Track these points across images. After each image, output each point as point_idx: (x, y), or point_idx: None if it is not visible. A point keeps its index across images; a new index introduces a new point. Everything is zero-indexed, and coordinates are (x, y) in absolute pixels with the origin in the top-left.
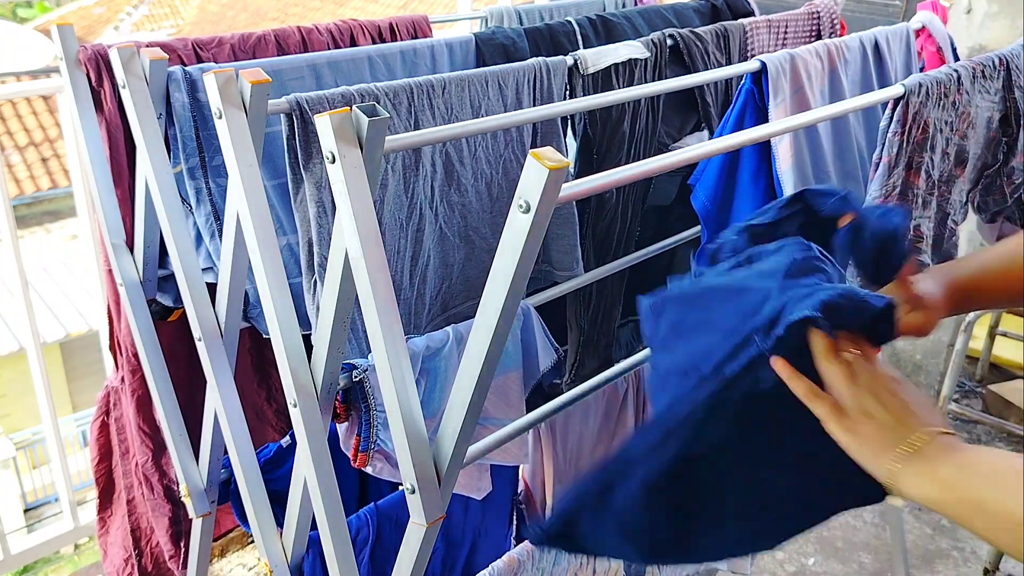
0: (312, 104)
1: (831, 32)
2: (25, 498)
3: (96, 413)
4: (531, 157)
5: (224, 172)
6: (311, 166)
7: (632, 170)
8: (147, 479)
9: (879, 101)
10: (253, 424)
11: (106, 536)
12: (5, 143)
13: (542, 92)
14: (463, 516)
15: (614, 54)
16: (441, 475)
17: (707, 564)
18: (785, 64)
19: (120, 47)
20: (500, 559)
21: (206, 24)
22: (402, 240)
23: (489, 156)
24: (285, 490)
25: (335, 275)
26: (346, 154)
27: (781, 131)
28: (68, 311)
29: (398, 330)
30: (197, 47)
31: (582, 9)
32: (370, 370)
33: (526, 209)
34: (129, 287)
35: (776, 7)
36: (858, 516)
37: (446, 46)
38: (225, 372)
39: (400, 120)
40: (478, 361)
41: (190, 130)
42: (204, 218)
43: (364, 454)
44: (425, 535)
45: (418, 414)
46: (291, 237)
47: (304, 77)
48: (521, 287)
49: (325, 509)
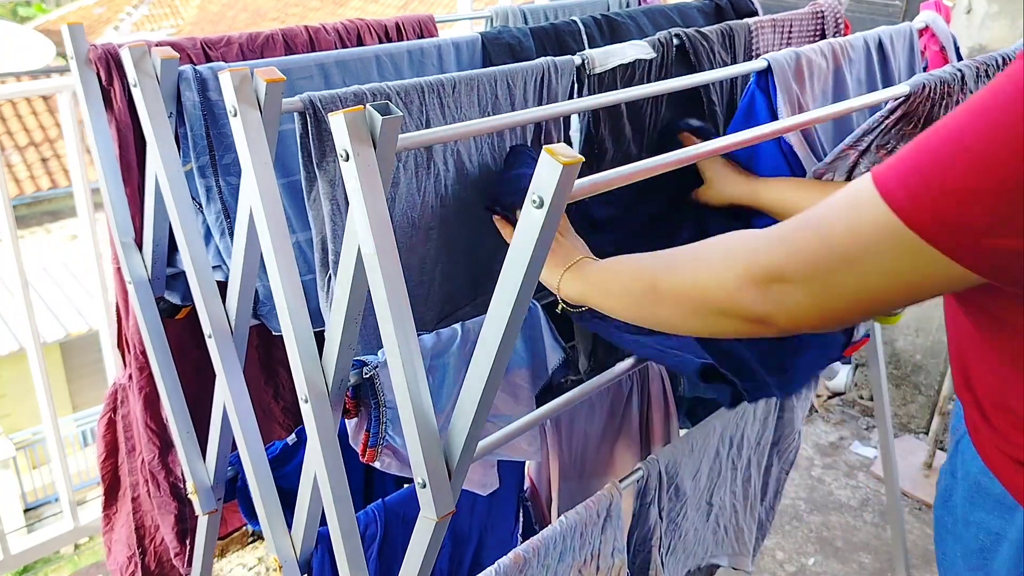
0: (325, 103)
1: (835, 32)
2: (25, 498)
3: (103, 410)
4: (545, 153)
5: (234, 170)
6: (324, 164)
7: (645, 165)
8: (153, 476)
9: (884, 100)
10: (260, 421)
11: (110, 533)
12: (5, 143)
13: (549, 91)
14: (470, 513)
15: (621, 54)
16: (452, 469)
17: (708, 561)
18: (791, 62)
19: (131, 46)
20: (506, 556)
21: (206, 24)
22: (413, 238)
23: (495, 155)
24: (291, 488)
25: (347, 272)
26: (360, 152)
27: (787, 128)
28: (68, 311)
29: (410, 326)
30: (206, 46)
31: (586, 9)
32: (380, 367)
33: (539, 204)
34: (138, 285)
35: (778, 7)
36: (858, 516)
37: (453, 45)
38: (235, 369)
39: (411, 119)
40: (490, 355)
41: (200, 128)
42: (214, 216)
43: (373, 450)
44: (435, 529)
45: (429, 409)
46: (300, 235)
47: (313, 76)
48: (533, 282)
49: (335, 505)
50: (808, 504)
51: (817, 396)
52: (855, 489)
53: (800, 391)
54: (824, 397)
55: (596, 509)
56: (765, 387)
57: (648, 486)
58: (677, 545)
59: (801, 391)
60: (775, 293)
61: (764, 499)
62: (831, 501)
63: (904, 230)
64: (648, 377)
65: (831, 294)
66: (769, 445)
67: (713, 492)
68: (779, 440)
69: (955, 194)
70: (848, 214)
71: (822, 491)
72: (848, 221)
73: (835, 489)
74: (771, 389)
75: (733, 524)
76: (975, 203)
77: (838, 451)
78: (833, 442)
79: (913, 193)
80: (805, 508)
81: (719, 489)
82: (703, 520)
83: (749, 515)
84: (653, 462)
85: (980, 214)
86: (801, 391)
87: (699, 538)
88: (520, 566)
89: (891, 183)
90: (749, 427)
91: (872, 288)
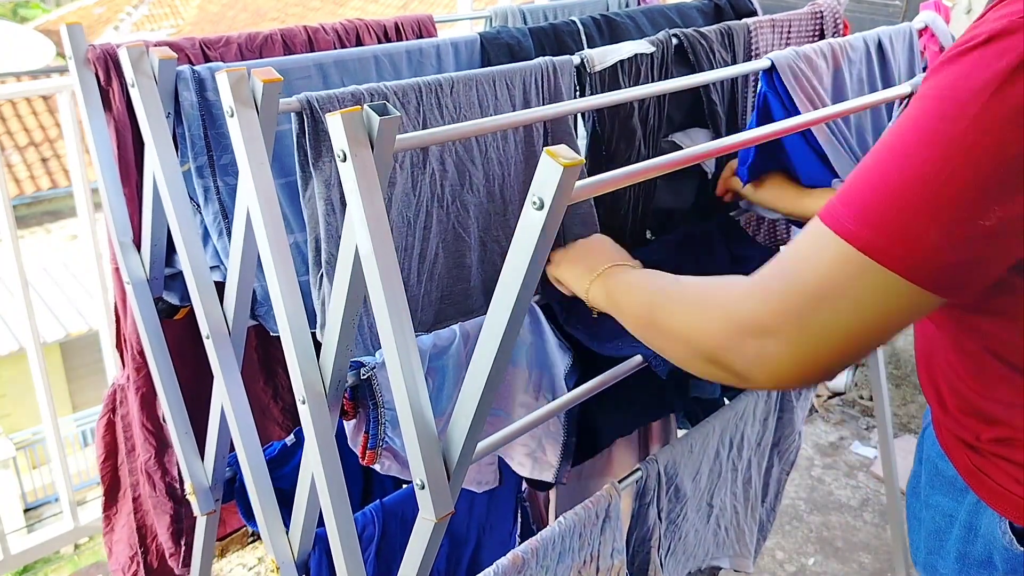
0: (322, 103)
1: (834, 32)
2: (25, 498)
3: (102, 411)
4: (545, 154)
5: (231, 171)
6: (320, 164)
7: (646, 166)
8: (149, 476)
9: (886, 100)
10: (259, 422)
11: (111, 534)
12: (5, 143)
13: (550, 91)
14: (468, 513)
15: (619, 51)
16: (450, 471)
17: (709, 563)
18: (794, 61)
19: (129, 46)
20: (504, 557)
21: (206, 24)
22: (409, 238)
23: (500, 157)
24: (288, 489)
25: (345, 273)
26: (357, 152)
27: (792, 127)
28: (68, 311)
29: (408, 327)
30: (204, 46)
31: (586, 9)
32: (378, 367)
33: (540, 206)
34: (136, 285)
35: (777, 7)
36: (858, 516)
37: (451, 46)
38: (233, 369)
39: (408, 119)
40: (489, 357)
41: (198, 129)
42: (212, 216)
43: (372, 451)
44: (433, 530)
45: (428, 410)
46: (298, 235)
47: (311, 76)
48: (533, 284)
49: (333, 506)
50: (808, 504)
51: (817, 396)
52: (855, 489)
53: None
54: (824, 397)
55: (595, 510)
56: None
57: (647, 486)
58: (677, 547)
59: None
60: (754, 348)
61: (765, 500)
62: (831, 501)
63: (864, 260)
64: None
65: (807, 341)
66: (769, 446)
67: (713, 493)
68: (779, 441)
69: (907, 215)
70: (809, 253)
71: (822, 491)
72: (811, 261)
73: (835, 489)
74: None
75: (734, 525)
76: (929, 223)
77: (838, 451)
78: (833, 442)
79: (865, 220)
80: (805, 508)
81: (719, 490)
82: (703, 521)
83: (750, 516)
84: (652, 462)
85: (934, 233)
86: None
87: (700, 539)
88: (519, 567)
89: (844, 217)
90: (749, 428)
91: (845, 328)
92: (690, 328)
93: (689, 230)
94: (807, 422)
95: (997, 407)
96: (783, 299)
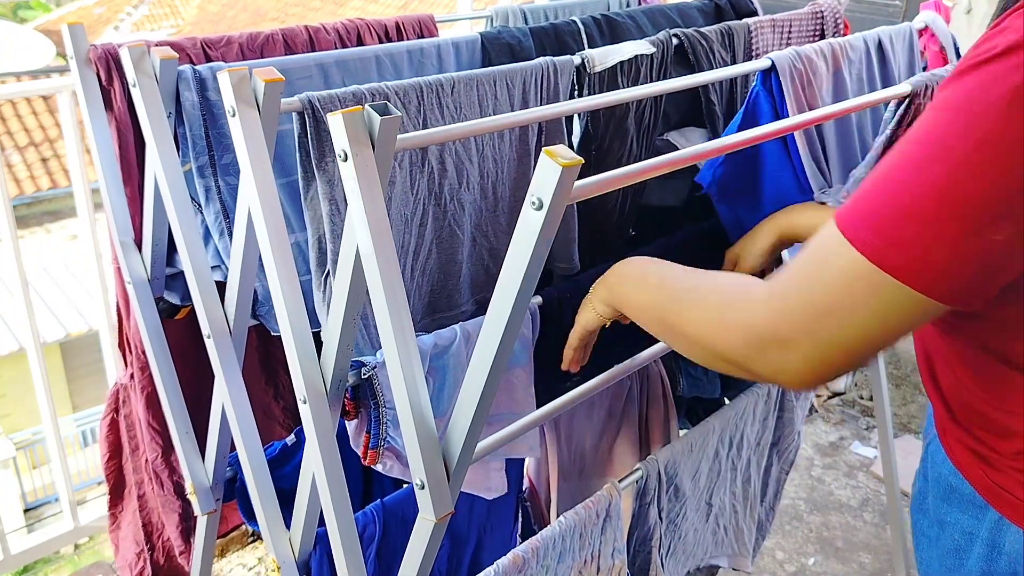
0: (324, 103)
1: (835, 32)
2: (25, 498)
3: (105, 410)
4: (544, 155)
5: (233, 171)
6: (323, 164)
7: (645, 166)
8: (157, 476)
9: (886, 100)
10: (260, 422)
11: (117, 531)
12: (5, 143)
13: (549, 91)
14: (468, 513)
15: (620, 52)
16: (450, 471)
17: (707, 562)
18: (794, 62)
19: (131, 46)
20: (505, 556)
21: (206, 24)
22: (406, 235)
23: (495, 154)
24: (289, 489)
25: (345, 272)
26: (358, 152)
27: (791, 127)
28: (68, 311)
29: (408, 326)
30: (206, 46)
31: (586, 8)
32: (379, 367)
33: (539, 206)
34: (137, 285)
35: (778, 7)
36: (858, 516)
37: (452, 45)
38: (234, 369)
39: (409, 119)
40: (489, 356)
41: (200, 129)
42: (213, 216)
43: (374, 451)
44: (433, 531)
45: (428, 409)
46: (299, 235)
47: (312, 76)
48: (533, 283)
49: (334, 506)
50: (808, 504)
51: (817, 396)
52: (855, 489)
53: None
54: (824, 397)
55: (595, 509)
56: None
57: (647, 486)
58: (677, 546)
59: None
60: (775, 357)
61: (764, 499)
62: (831, 501)
63: (882, 276)
64: (648, 377)
65: (825, 350)
66: (769, 445)
67: (713, 492)
68: (779, 440)
69: (923, 229)
70: (827, 264)
71: (822, 491)
72: (830, 272)
73: (835, 489)
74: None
75: (733, 525)
76: (944, 237)
77: (838, 451)
78: (833, 442)
79: (879, 231)
80: (805, 508)
81: (719, 489)
82: (703, 521)
83: (749, 516)
84: (652, 462)
85: (949, 247)
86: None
87: (699, 539)
88: (519, 567)
89: (861, 228)
90: (749, 427)
91: (862, 337)
92: (710, 335)
93: (683, 233)
94: (807, 422)
95: (1012, 419)
96: (803, 311)
